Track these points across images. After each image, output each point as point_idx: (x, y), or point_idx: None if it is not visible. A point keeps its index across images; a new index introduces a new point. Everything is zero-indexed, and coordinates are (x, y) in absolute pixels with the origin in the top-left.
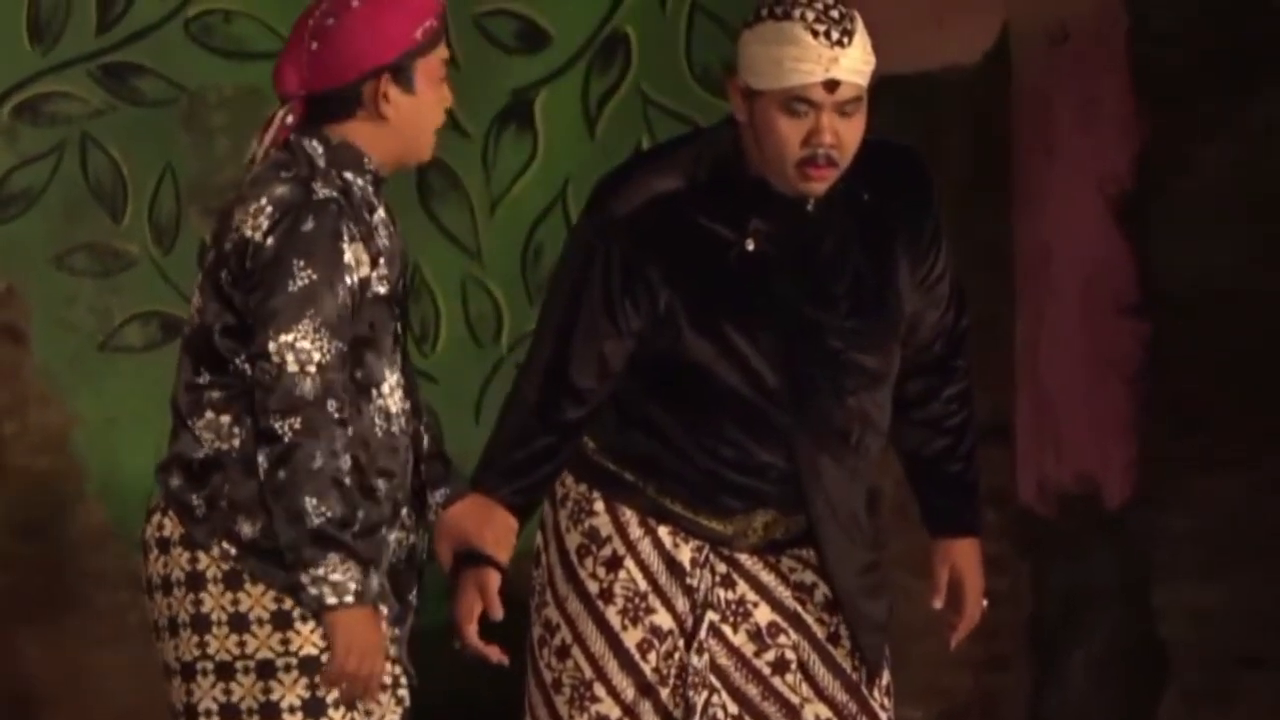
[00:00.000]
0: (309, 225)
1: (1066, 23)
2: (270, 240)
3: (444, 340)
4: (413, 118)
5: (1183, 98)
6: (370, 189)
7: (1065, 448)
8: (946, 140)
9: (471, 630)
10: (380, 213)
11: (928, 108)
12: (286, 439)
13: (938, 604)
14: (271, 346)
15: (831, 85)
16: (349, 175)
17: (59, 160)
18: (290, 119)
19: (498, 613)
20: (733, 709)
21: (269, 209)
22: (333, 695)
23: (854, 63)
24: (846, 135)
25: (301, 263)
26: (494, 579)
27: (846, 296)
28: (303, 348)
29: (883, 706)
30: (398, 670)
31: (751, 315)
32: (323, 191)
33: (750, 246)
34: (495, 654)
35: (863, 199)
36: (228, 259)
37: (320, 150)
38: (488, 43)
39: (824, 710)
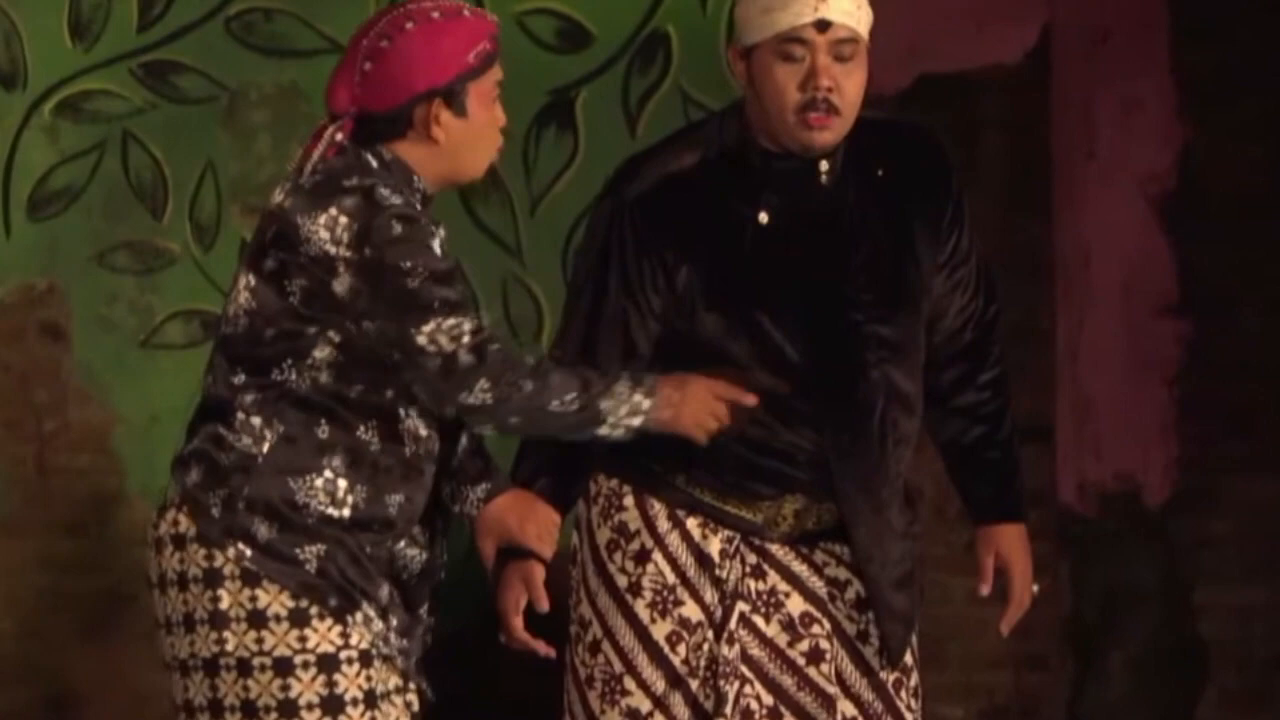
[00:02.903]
0: (398, 229)
1: (1108, 23)
2: (368, 252)
3: None
4: (464, 140)
5: (1223, 98)
6: (419, 208)
7: (1105, 448)
8: (987, 141)
9: (517, 623)
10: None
11: (968, 108)
12: (489, 402)
13: (985, 590)
14: (422, 341)
15: (822, 25)
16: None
17: (100, 158)
18: (339, 136)
19: (544, 604)
20: (767, 700)
21: (344, 220)
22: (351, 693)
23: (844, 4)
24: (845, 82)
25: (408, 263)
26: (539, 571)
27: (864, 268)
28: (449, 326)
29: (909, 708)
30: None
31: (769, 288)
32: (393, 198)
33: (764, 219)
34: (542, 647)
35: (877, 174)
36: (299, 269)
37: (374, 165)
38: (529, 41)
39: (849, 708)
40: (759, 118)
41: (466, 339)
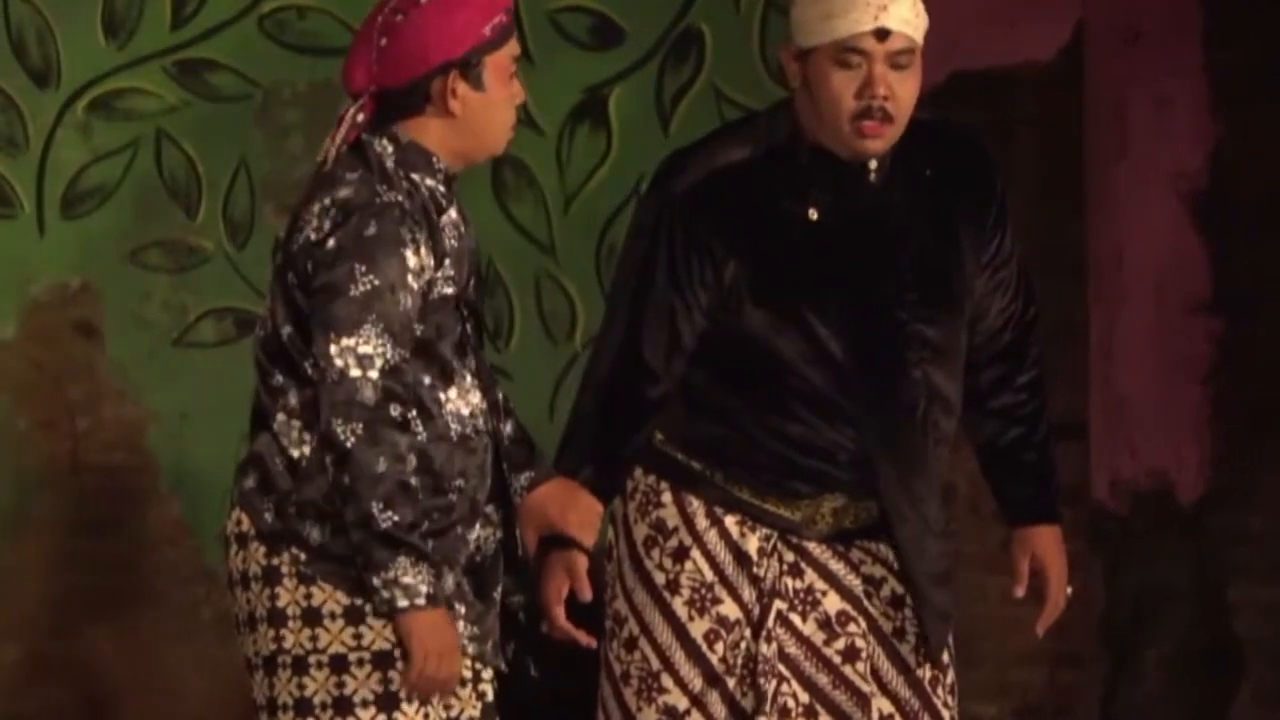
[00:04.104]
0: (371, 229)
1: (1140, 21)
2: (331, 242)
3: (518, 336)
4: (481, 114)
5: (1255, 97)
6: (441, 189)
7: (1139, 446)
8: (1019, 138)
9: (559, 613)
10: (451, 214)
11: (1001, 105)
12: (349, 444)
13: (1019, 593)
14: (333, 350)
15: (882, 34)
16: (417, 177)
17: (133, 156)
18: (360, 116)
19: (587, 594)
20: (804, 698)
21: (332, 211)
22: (405, 689)
23: (903, 12)
24: (900, 90)
25: (363, 267)
26: (581, 561)
27: (910, 268)
28: (365, 352)
29: (945, 705)
30: (479, 666)
31: (816, 285)
32: (388, 195)
33: (814, 216)
34: (584, 637)
35: (925, 174)
36: (295, 261)
37: (390, 150)
38: (562, 39)
39: (886, 705)
40: (810, 118)
41: (375, 375)
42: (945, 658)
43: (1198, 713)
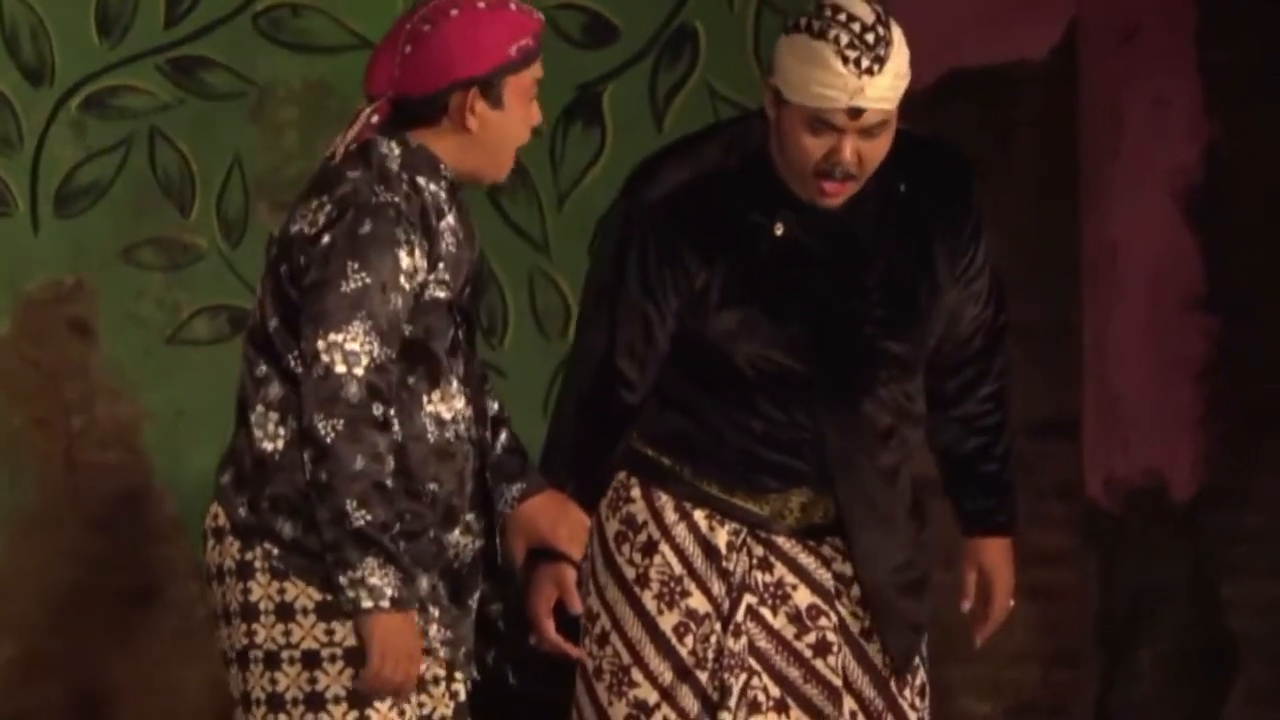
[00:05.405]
0: (366, 228)
1: (1135, 20)
2: (325, 238)
3: (511, 334)
4: (496, 133)
5: (1251, 95)
6: (443, 194)
7: (1133, 444)
8: (1015, 137)
9: (549, 625)
10: (450, 219)
11: (996, 104)
12: (329, 439)
13: (966, 606)
14: (320, 345)
15: (855, 113)
16: (421, 180)
17: (127, 154)
18: (375, 119)
19: (577, 606)
20: (775, 692)
21: (329, 207)
22: (362, 689)
23: (881, 91)
24: (868, 153)
25: (355, 264)
26: (570, 574)
27: (878, 285)
28: (351, 349)
29: (913, 706)
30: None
31: (783, 301)
32: (384, 195)
33: (780, 232)
34: (573, 650)
35: (899, 190)
36: (289, 253)
37: (396, 152)
38: (556, 36)
39: (851, 703)
40: (777, 154)
41: (360, 372)
42: (915, 659)
43: (1193, 711)
